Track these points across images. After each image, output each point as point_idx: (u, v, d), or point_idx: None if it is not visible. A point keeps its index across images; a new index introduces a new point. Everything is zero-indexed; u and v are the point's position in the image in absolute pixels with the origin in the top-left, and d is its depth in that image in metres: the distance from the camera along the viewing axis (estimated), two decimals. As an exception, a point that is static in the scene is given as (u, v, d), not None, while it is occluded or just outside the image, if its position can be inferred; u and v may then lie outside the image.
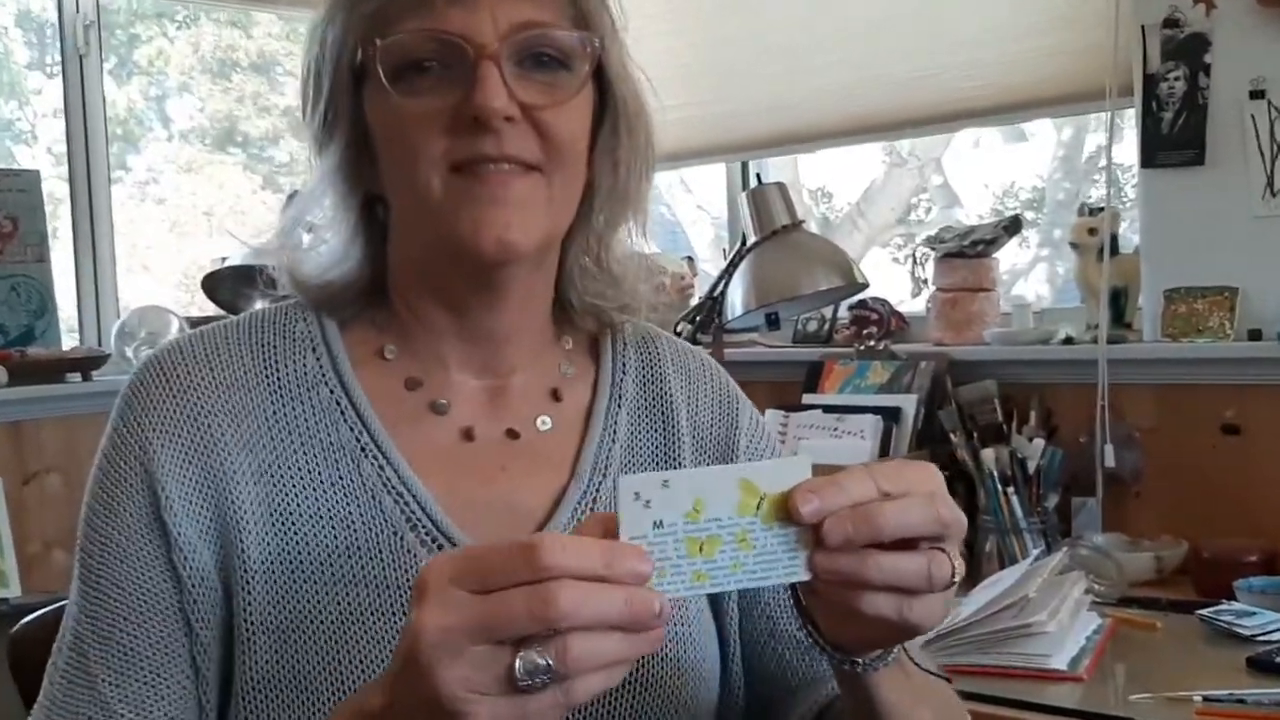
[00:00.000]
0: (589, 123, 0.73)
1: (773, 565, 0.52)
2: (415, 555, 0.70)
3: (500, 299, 0.73)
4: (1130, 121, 2.16)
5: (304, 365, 0.73)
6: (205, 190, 2.94)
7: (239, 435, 0.69)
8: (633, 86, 0.75)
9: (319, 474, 0.70)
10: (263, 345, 0.73)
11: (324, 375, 0.73)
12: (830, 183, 3.18)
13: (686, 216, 3.34)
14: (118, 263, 2.50)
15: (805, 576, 0.52)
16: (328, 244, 0.74)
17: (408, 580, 0.69)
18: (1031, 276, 2.86)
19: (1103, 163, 2.21)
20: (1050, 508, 2.00)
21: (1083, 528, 2.03)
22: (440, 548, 0.70)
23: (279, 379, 0.72)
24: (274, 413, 0.71)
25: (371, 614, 0.68)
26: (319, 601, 0.68)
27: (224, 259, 2.36)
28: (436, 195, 0.68)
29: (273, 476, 0.68)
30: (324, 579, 0.68)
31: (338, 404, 0.72)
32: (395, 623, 0.68)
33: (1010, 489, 1.98)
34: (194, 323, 2.32)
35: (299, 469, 0.69)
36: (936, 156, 2.98)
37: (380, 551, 0.70)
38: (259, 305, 0.77)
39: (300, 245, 0.75)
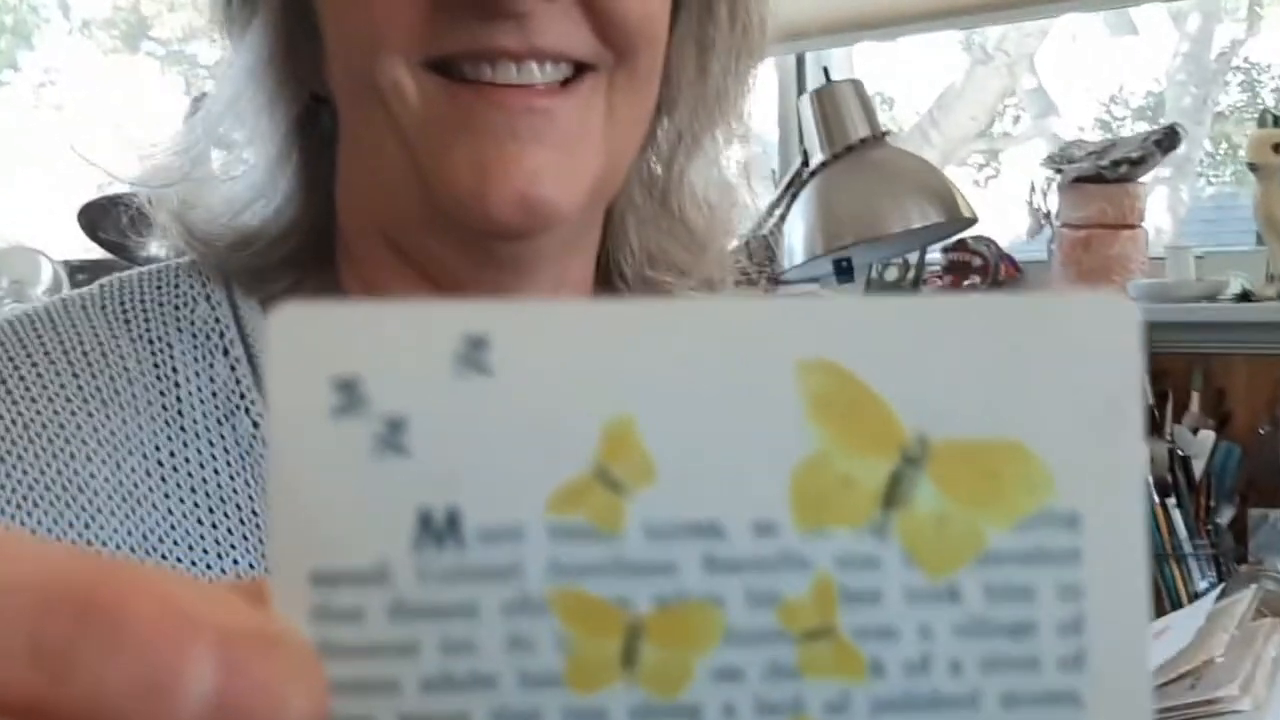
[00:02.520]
0: None
1: None
2: None
3: (518, 288, 0.57)
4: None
5: (210, 377, 0.58)
6: (113, 95, 2.64)
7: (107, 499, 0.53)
8: None
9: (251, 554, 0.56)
10: (140, 339, 0.57)
11: (244, 394, 0.57)
12: (893, 86, 2.95)
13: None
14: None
15: None
16: (245, 168, 0.59)
17: None
18: (1149, 204, 2.59)
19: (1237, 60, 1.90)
20: (1223, 524, 1.76)
21: (1265, 550, 1.77)
22: None
23: (174, 400, 0.56)
24: (166, 456, 0.55)
25: None
26: None
27: (101, 187, 1.98)
28: (411, 114, 0.52)
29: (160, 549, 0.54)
30: None
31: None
32: None
33: (1169, 499, 1.73)
34: (73, 269, 1.90)
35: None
36: (1029, 53, 2.79)
37: None
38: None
39: (206, 174, 0.60)
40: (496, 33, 0.52)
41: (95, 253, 2.03)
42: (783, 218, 1.86)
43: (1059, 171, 2.00)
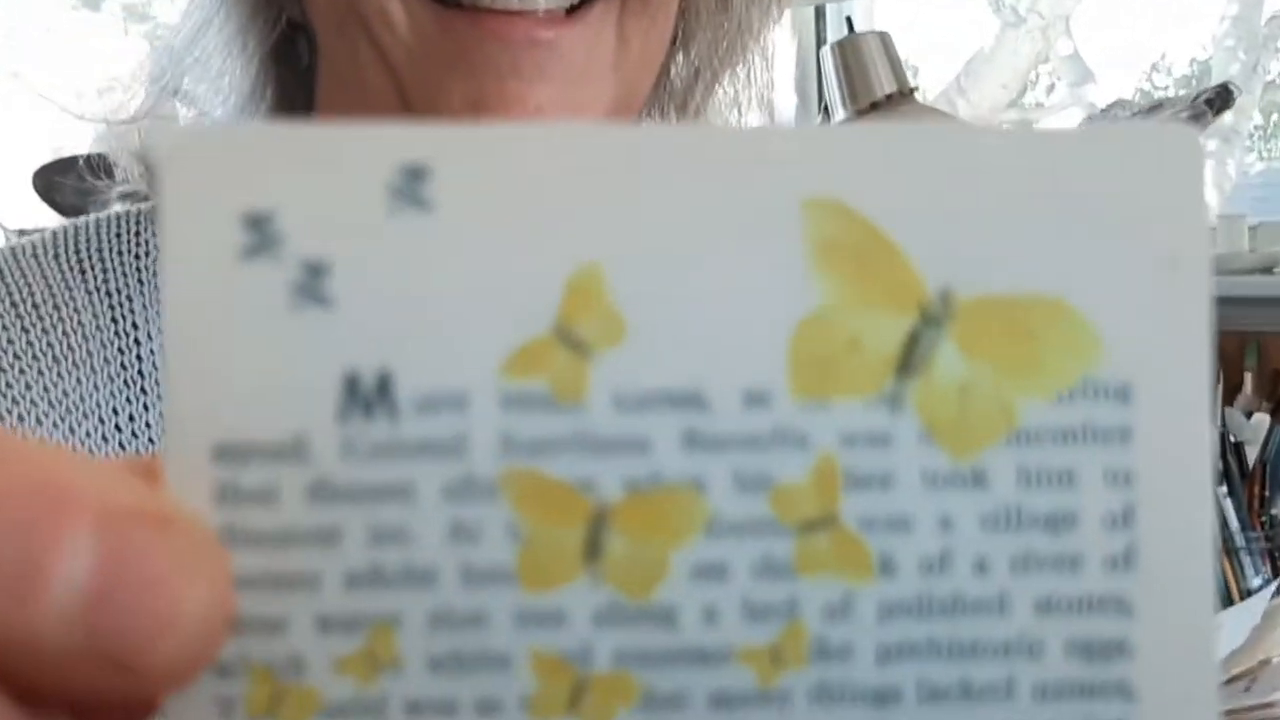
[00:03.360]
0: None
1: None
2: None
3: None
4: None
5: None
6: (70, 59, 2.58)
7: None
8: None
9: None
10: (96, 290, 0.57)
11: None
12: (916, 50, 2.84)
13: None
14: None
15: None
16: (214, 102, 0.59)
17: None
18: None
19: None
20: (1278, 515, 1.75)
21: (1319, 551, 1.76)
22: None
23: (134, 358, 0.56)
24: (125, 420, 0.55)
25: None
26: None
27: (63, 147, 1.96)
28: (399, 43, 0.52)
29: None
30: None
31: None
32: None
33: (1220, 488, 1.72)
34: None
35: None
36: (1064, 14, 2.75)
37: None
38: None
39: (171, 114, 0.60)
40: None
41: (52, 219, 2.02)
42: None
43: None
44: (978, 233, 0.16)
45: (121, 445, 0.55)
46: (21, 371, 0.56)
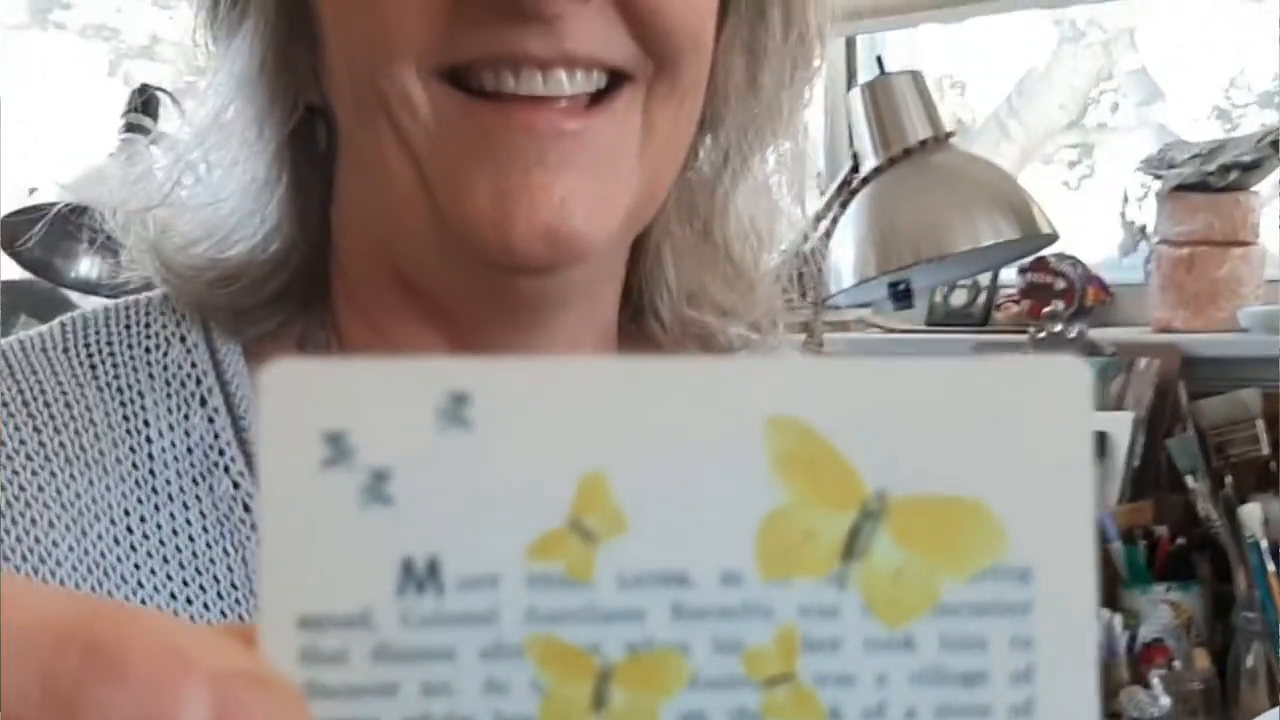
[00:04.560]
0: None
1: None
2: None
3: (543, 325, 0.62)
4: None
5: (185, 431, 0.62)
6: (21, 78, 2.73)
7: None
8: None
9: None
10: (107, 387, 0.62)
11: (223, 450, 0.62)
12: (964, 67, 2.94)
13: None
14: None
15: None
16: (227, 190, 0.64)
17: None
18: (1264, 216, 2.63)
19: None
20: None
21: (1404, 631, 1.81)
22: None
23: (145, 457, 0.61)
24: (136, 522, 0.60)
25: None
26: None
27: (32, 190, 2.03)
28: (421, 129, 0.56)
29: None
30: None
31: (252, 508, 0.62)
32: None
33: None
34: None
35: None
36: (1129, 27, 2.79)
37: None
38: (90, 305, 0.68)
39: (186, 196, 0.65)
40: (522, 36, 0.54)
41: (13, 272, 2.05)
42: (829, 233, 1.90)
43: (1157, 177, 2.06)
44: (908, 446, 0.22)
45: (133, 547, 0.59)
46: (34, 473, 0.59)
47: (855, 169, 1.92)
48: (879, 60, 1.99)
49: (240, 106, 0.63)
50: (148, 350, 0.64)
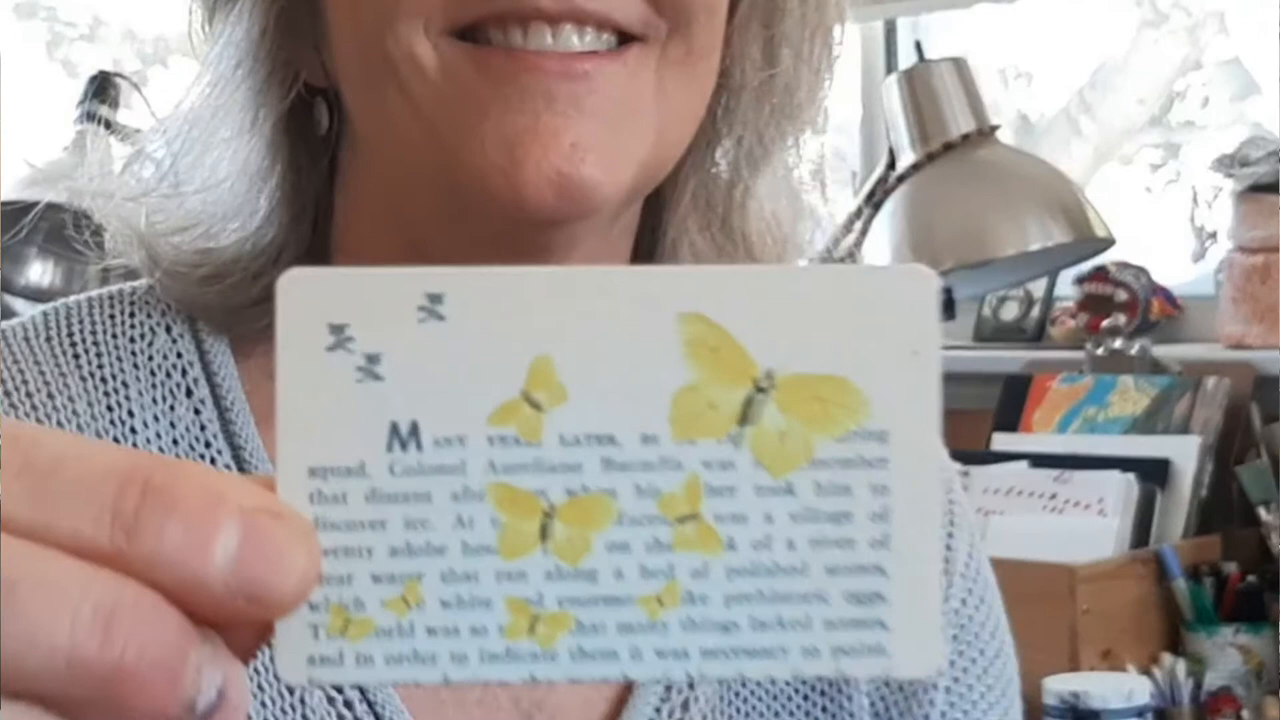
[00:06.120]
0: None
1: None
2: None
3: None
4: None
5: (171, 422, 0.68)
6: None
7: None
8: None
9: None
10: (90, 377, 0.67)
11: (209, 443, 0.68)
12: (1030, 56, 2.96)
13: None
14: None
15: None
16: (219, 175, 0.68)
17: None
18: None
19: None
20: None
21: None
22: None
23: (131, 447, 0.66)
24: None
25: None
26: None
27: None
28: (430, 88, 0.61)
29: None
30: None
31: None
32: None
33: None
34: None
35: None
36: (1219, 11, 2.78)
37: None
38: (79, 295, 0.71)
39: (162, 184, 0.70)
40: None
41: None
42: (863, 234, 1.97)
43: (1230, 176, 2.09)
44: (791, 334, 0.33)
45: None
46: None
47: (892, 165, 1.98)
48: (918, 45, 2.05)
49: (238, 81, 0.67)
50: (132, 340, 0.69)
